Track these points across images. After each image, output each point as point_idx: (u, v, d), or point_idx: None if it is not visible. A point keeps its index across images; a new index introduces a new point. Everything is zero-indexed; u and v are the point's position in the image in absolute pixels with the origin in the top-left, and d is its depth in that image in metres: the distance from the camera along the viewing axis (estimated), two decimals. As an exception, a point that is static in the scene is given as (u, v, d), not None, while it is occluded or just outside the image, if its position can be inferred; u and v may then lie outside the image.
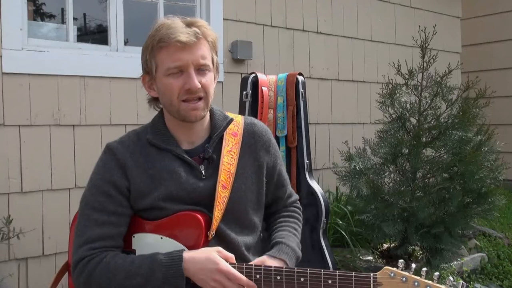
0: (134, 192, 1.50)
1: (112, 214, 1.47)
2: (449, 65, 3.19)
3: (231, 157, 1.56)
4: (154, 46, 1.47)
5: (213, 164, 1.54)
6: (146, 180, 1.50)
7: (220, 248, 1.45)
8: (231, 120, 1.62)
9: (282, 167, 1.72)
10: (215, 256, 1.41)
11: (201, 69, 1.47)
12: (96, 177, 1.53)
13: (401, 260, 1.37)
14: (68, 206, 2.96)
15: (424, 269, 1.35)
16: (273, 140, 1.69)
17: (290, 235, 1.64)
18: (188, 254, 1.41)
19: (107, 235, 1.46)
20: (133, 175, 1.50)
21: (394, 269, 1.34)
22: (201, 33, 1.46)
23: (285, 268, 1.42)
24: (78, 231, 1.49)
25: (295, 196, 1.81)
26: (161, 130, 1.56)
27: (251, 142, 1.62)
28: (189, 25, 1.47)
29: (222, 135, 1.58)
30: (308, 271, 1.39)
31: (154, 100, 1.59)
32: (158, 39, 1.45)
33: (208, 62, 1.49)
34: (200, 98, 1.48)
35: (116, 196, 1.48)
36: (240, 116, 1.68)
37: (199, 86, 1.45)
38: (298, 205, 1.81)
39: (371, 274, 1.35)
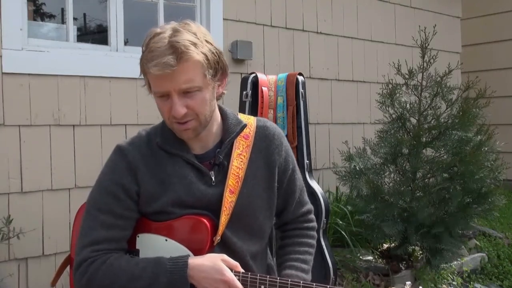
0: (143, 196, 1.48)
1: (119, 217, 1.45)
2: (449, 65, 3.19)
3: (241, 161, 1.52)
4: (142, 66, 1.43)
5: (224, 170, 1.51)
6: (156, 184, 1.47)
7: (225, 256, 1.43)
8: (244, 126, 1.57)
9: (296, 173, 1.66)
10: (221, 265, 1.39)
11: (187, 92, 1.39)
12: (105, 178, 1.49)
13: (408, 282, 1.36)
14: (68, 206, 2.96)
15: None
16: (286, 143, 1.64)
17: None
18: (193, 261, 1.39)
19: (112, 238, 1.45)
20: (143, 179, 1.47)
21: None
22: (179, 60, 1.35)
23: (291, 280, 1.40)
24: (83, 231, 1.47)
25: (308, 207, 1.72)
26: (171, 134, 1.52)
27: (262, 146, 1.58)
28: (172, 47, 1.35)
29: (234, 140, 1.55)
30: (314, 285, 1.38)
31: None
32: (142, 62, 1.41)
33: (195, 83, 1.39)
34: (190, 120, 1.43)
35: (125, 199, 1.46)
36: (252, 118, 1.63)
37: (183, 112, 1.39)
38: (311, 219, 1.73)
39: None
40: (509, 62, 6.10)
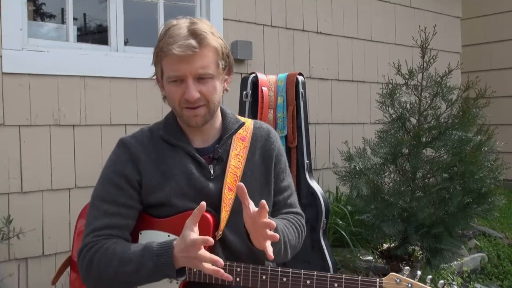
0: (145, 186, 1.52)
1: (121, 205, 1.49)
2: (449, 65, 3.19)
3: (238, 161, 1.58)
4: (158, 53, 1.50)
5: (222, 164, 1.56)
6: (158, 175, 1.52)
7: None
8: (242, 124, 1.64)
9: (287, 175, 1.70)
10: (184, 232, 1.37)
11: (201, 78, 1.48)
12: (108, 170, 1.54)
13: (407, 268, 1.38)
14: (68, 206, 2.96)
15: (429, 276, 1.36)
16: (281, 146, 1.70)
17: (290, 226, 1.59)
18: (176, 241, 1.40)
19: (114, 225, 1.48)
20: (145, 170, 1.52)
21: (400, 275, 1.34)
22: (200, 44, 1.45)
23: (292, 270, 1.42)
24: (87, 222, 1.51)
25: (299, 210, 1.72)
26: (174, 127, 1.59)
27: (259, 146, 1.64)
28: (193, 33, 1.46)
29: (232, 138, 1.61)
30: (315, 274, 1.39)
31: (167, 99, 1.60)
32: (160, 47, 1.48)
33: (210, 70, 1.48)
34: (201, 105, 1.49)
35: (127, 189, 1.50)
36: (250, 120, 1.69)
37: (197, 96, 1.47)
38: (303, 218, 1.74)
39: (377, 280, 1.35)
40: (509, 62, 6.10)
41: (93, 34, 3.81)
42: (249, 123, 1.67)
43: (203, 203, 1.36)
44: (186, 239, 1.35)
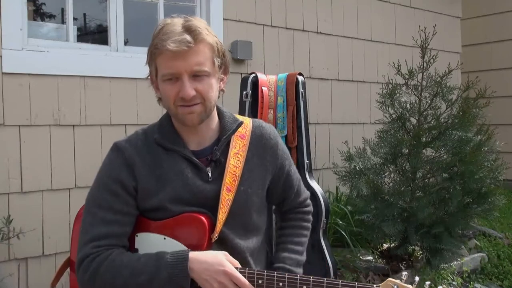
0: (141, 192, 1.49)
1: (118, 212, 1.47)
2: (449, 65, 3.19)
3: (238, 160, 1.55)
4: (152, 51, 1.47)
5: (220, 166, 1.54)
6: (153, 180, 1.49)
7: (226, 252, 1.45)
8: (241, 123, 1.61)
9: (292, 167, 1.71)
10: (222, 258, 1.41)
11: (197, 75, 1.45)
12: (103, 175, 1.51)
13: (405, 273, 1.38)
14: (68, 206, 2.96)
15: (428, 283, 1.35)
16: (281, 142, 1.68)
17: (292, 257, 1.68)
18: (194, 254, 1.41)
19: (113, 234, 1.46)
20: (140, 175, 1.49)
21: (398, 281, 1.34)
22: (195, 40, 1.43)
23: (288, 275, 1.41)
24: (83, 229, 1.48)
25: (305, 195, 1.79)
26: (169, 130, 1.55)
27: (258, 145, 1.61)
28: (187, 29, 1.44)
29: (231, 137, 1.58)
30: (311, 279, 1.39)
31: (162, 100, 1.58)
32: (154, 44, 1.45)
33: (206, 67, 1.45)
34: (197, 103, 1.47)
35: (123, 195, 1.48)
36: (248, 118, 1.67)
37: (193, 94, 1.44)
38: (308, 204, 1.79)
39: (374, 286, 1.35)
40: (509, 62, 6.10)
41: (93, 34, 3.81)
42: (247, 121, 1.64)
43: None
44: (225, 262, 1.41)
